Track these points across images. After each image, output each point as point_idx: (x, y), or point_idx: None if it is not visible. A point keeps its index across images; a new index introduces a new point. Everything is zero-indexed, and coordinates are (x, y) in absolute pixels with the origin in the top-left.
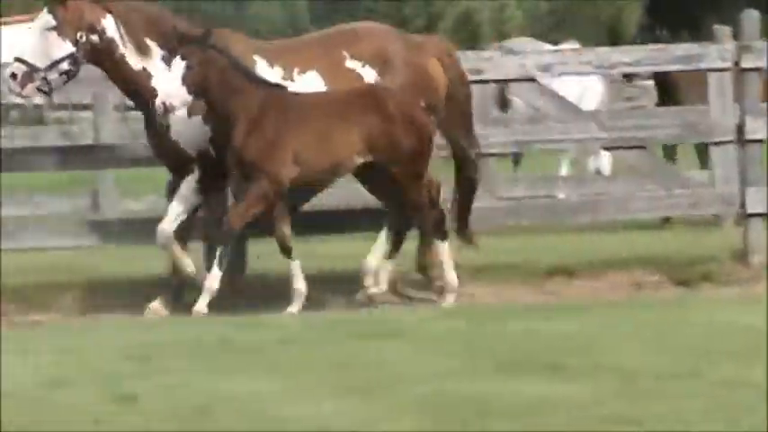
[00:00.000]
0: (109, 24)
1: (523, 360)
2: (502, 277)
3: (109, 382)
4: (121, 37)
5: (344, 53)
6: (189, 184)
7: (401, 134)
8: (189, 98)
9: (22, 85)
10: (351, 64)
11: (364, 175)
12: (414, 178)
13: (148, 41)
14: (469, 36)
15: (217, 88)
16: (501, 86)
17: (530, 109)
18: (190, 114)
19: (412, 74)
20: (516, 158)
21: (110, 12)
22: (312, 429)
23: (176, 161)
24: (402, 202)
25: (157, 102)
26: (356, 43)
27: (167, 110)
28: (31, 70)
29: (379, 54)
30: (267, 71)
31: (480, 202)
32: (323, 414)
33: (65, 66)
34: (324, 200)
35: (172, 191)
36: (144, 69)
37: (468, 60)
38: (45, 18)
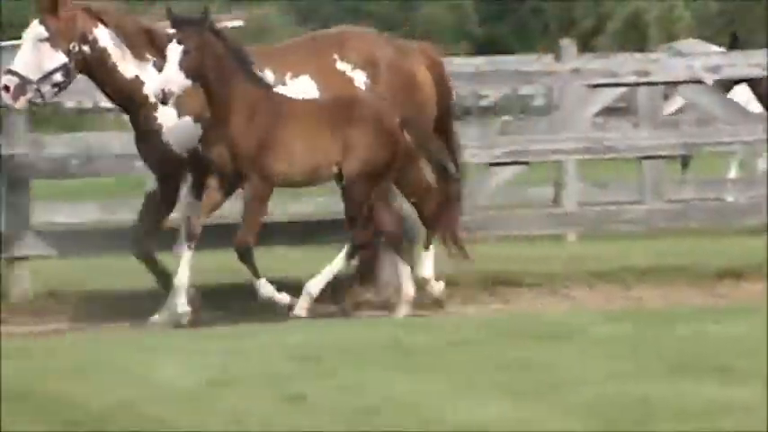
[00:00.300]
0: (101, 34)
1: (692, 363)
2: (669, 280)
3: (277, 383)
4: (115, 46)
5: (334, 56)
6: (187, 195)
7: (373, 147)
8: (187, 83)
9: (15, 98)
10: (341, 67)
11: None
12: (364, 195)
13: (142, 49)
14: (638, 37)
15: (213, 73)
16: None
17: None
18: (180, 114)
19: (400, 79)
20: (685, 161)
21: (101, 21)
22: (480, 431)
23: (167, 165)
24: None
25: (155, 88)
26: (345, 47)
27: (166, 96)
28: (24, 82)
29: (369, 58)
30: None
31: (649, 205)
32: (491, 415)
33: (57, 77)
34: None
35: (149, 202)
36: (137, 77)
37: (637, 62)
38: (37, 29)
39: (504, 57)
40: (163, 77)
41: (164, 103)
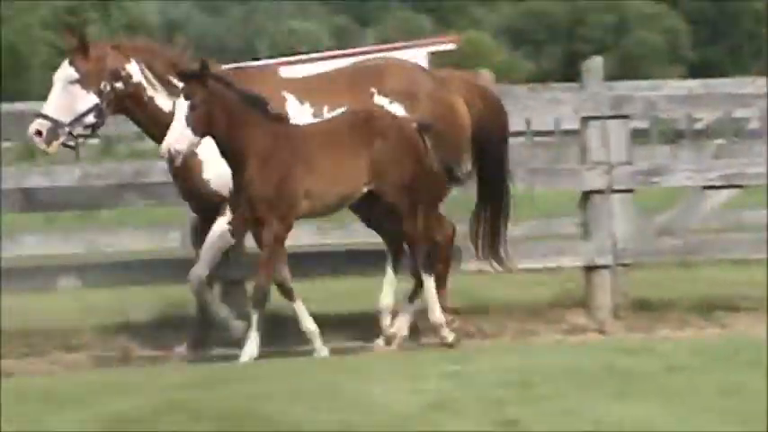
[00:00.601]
0: (133, 69)
1: None
2: None
3: (491, 407)
4: (148, 80)
5: (372, 90)
6: (220, 226)
7: (402, 160)
8: (196, 140)
9: (48, 142)
10: (379, 100)
11: (363, 210)
12: (411, 207)
13: (174, 81)
14: None
15: (223, 123)
16: None
17: None
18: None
19: (439, 110)
20: None
21: (133, 56)
22: None
23: (206, 202)
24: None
25: (162, 149)
26: (383, 79)
27: (173, 157)
28: (56, 126)
29: (407, 90)
30: (298, 108)
31: None
32: None
33: (90, 119)
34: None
35: (195, 231)
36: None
37: None
38: (67, 71)
39: (717, 80)
40: (170, 136)
41: (172, 162)
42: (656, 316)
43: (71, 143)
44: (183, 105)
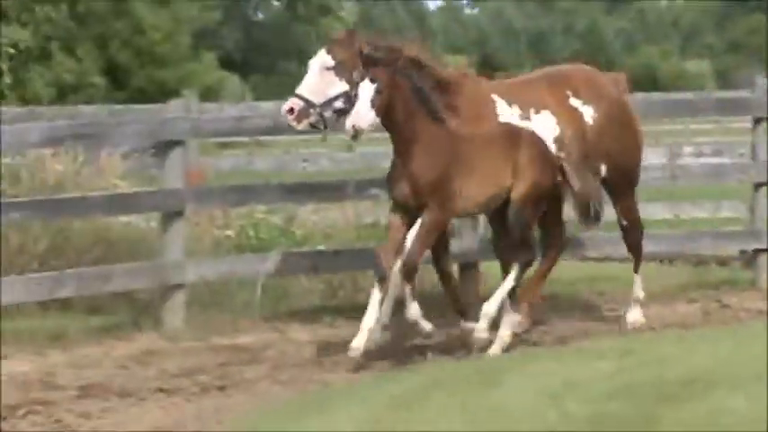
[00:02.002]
0: None
1: None
2: None
3: None
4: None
5: (567, 92)
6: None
7: (540, 171)
8: (376, 120)
9: (298, 120)
10: (573, 102)
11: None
12: (533, 215)
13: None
14: None
15: (400, 111)
16: None
17: None
18: None
19: (619, 110)
20: None
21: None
22: None
23: None
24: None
25: (347, 124)
26: (575, 83)
27: (357, 132)
28: (308, 106)
29: (595, 93)
30: (507, 110)
31: None
32: None
33: (339, 104)
34: None
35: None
36: None
37: None
38: (324, 58)
39: None
40: (355, 114)
41: (354, 138)
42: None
43: (319, 125)
44: (369, 88)
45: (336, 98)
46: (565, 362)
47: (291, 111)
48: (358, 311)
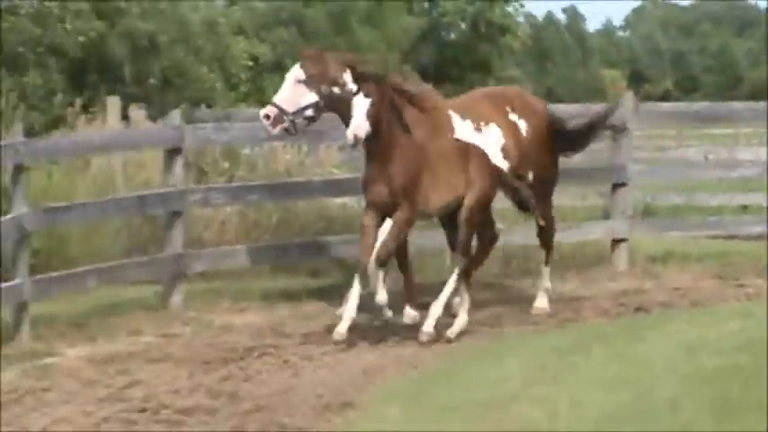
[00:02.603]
0: (349, 78)
1: None
2: None
3: None
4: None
5: (507, 108)
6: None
7: (488, 182)
8: (369, 130)
9: (273, 125)
10: (512, 117)
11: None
12: (480, 220)
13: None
14: None
15: (385, 122)
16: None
17: None
18: None
19: (543, 121)
20: None
21: (349, 67)
22: None
23: None
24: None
25: (349, 133)
26: (511, 101)
27: (357, 140)
28: (282, 113)
29: (527, 110)
30: (461, 123)
31: None
32: None
33: (309, 112)
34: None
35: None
36: None
37: None
38: (297, 71)
39: None
40: (354, 125)
41: (354, 146)
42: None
43: (292, 130)
44: (365, 101)
45: (307, 107)
46: (697, 322)
47: (267, 117)
48: (531, 277)
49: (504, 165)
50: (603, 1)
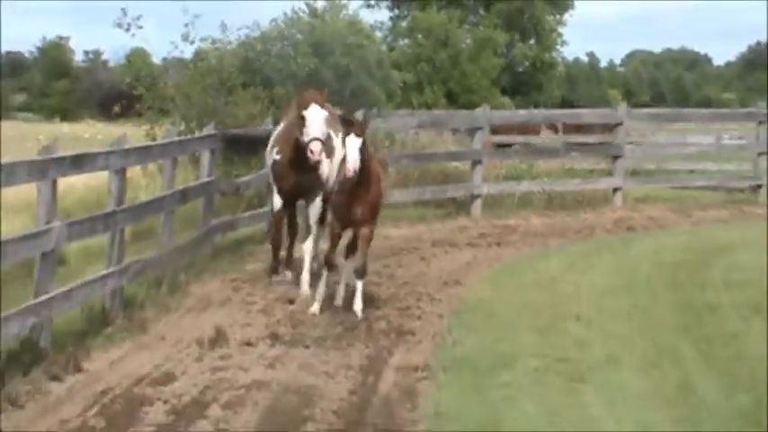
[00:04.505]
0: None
1: None
2: None
3: None
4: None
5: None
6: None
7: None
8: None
9: (320, 154)
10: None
11: None
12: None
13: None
14: None
15: (367, 157)
16: None
17: None
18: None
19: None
20: None
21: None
22: None
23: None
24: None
25: (350, 169)
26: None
27: (355, 174)
28: (323, 144)
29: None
30: (336, 137)
31: None
32: None
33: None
34: None
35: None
36: None
37: None
38: (322, 111)
39: None
40: (353, 161)
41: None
42: None
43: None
44: (356, 141)
45: (328, 139)
46: (662, 236)
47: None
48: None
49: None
50: (610, 46)
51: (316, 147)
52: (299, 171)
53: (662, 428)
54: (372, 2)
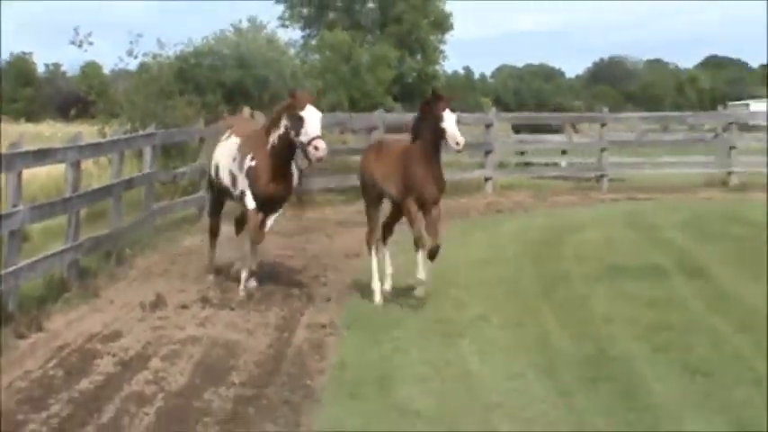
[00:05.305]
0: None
1: None
2: None
3: None
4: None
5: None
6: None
7: None
8: None
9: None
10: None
11: None
12: None
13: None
14: None
15: None
16: None
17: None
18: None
19: None
20: None
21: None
22: None
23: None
24: None
25: (461, 144)
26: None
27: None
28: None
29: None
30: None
31: None
32: None
33: None
34: None
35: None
36: None
37: None
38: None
39: None
40: (460, 136)
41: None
42: None
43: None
44: (453, 116)
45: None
46: (524, 217)
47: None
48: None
49: None
50: (483, 61)
51: (321, 144)
52: (274, 175)
53: (525, 374)
54: (287, 23)
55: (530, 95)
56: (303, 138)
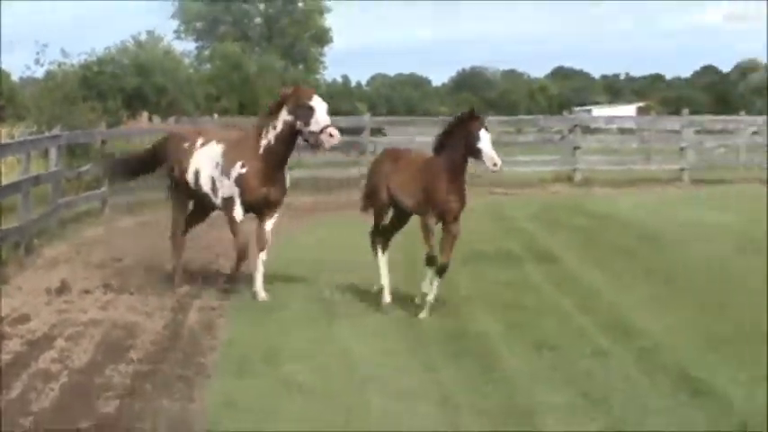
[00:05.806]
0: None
1: None
2: None
3: None
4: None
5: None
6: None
7: None
8: None
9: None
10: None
11: None
12: None
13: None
14: None
15: None
16: None
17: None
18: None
19: None
20: None
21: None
22: None
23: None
24: None
25: (498, 164)
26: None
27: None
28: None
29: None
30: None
31: None
32: None
33: None
34: None
35: None
36: None
37: None
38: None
39: None
40: (495, 156)
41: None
42: None
43: None
44: (488, 135)
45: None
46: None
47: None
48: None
49: None
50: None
51: (335, 131)
52: (269, 179)
53: (394, 352)
54: (182, 35)
55: (400, 102)
56: (314, 127)
